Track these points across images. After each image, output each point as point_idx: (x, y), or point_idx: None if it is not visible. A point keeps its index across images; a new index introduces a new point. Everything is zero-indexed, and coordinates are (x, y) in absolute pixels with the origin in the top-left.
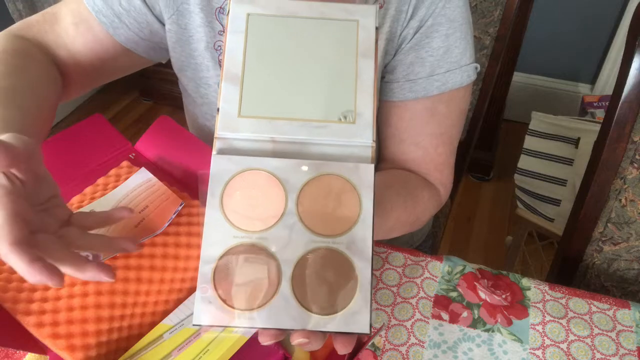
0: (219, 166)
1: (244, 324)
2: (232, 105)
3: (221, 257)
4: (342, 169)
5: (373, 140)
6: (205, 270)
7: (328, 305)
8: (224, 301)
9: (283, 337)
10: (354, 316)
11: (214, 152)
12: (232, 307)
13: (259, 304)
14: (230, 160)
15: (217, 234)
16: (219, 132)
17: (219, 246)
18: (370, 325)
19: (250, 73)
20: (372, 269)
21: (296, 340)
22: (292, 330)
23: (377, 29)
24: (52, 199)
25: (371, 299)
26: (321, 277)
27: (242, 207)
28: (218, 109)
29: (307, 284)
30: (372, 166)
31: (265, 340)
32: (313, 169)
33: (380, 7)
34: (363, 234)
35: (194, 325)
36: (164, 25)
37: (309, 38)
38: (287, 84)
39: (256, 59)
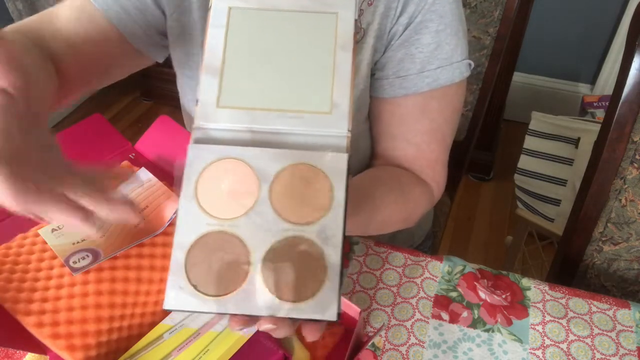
0: (194, 155)
1: (213, 309)
2: (211, 97)
3: (193, 244)
4: (316, 158)
5: (348, 130)
6: (177, 256)
7: (297, 292)
8: (195, 287)
9: (253, 323)
10: (322, 304)
11: (191, 141)
12: (203, 292)
13: (229, 290)
14: (205, 149)
15: (190, 221)
16: (197, 122)
17: (192, 233)
18: (339, 314)
19: (230, 65)
20: (342, 258)
21: (263, 326)
22: (261, 316)
23: (356, 21)
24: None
25: (340, 288)
26: (291, 264)
27: (216, 195)
28: (197, 100)
29: (276, 272)
30: (346, 156)
31: (234, 326)
32: (287, 158)
33: (370, 4)
34: (334, 222)
35: (164, 309)
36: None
37: (289, 31)
38: (266, 75)
39: (236, 51)
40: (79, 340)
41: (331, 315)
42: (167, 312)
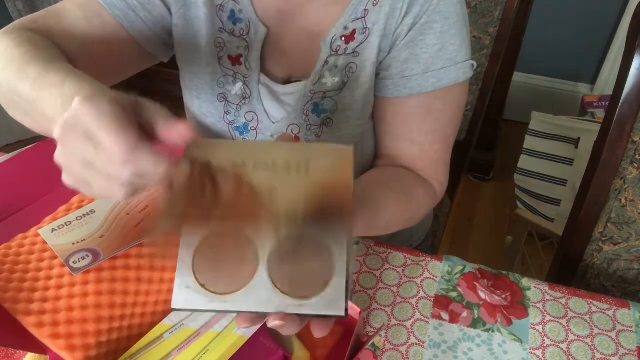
0: None
1: (221, 307)
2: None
3: (200, 243)
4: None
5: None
6: (184, 255)
7: (304, 289)
8: (203, 285)
9: (262, 321)
10: (330, 300)
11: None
12: (210, 291)
13: (236, 288)
14: None
15: None
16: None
17: (198, 232)
18: (346, 309)
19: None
20: (349, 254)
21: (272, 322)
22: (269, 313)
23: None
24: None
25: (347, 283)
26: (298, 261)
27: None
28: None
29: (284, 268)
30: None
31: (243, 323)
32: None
33: (375, 4)
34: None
35: (172, 309)
36: None
37: None
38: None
39: None
40: (79, 340)
41: (339, 310)
42: (167, 312)
